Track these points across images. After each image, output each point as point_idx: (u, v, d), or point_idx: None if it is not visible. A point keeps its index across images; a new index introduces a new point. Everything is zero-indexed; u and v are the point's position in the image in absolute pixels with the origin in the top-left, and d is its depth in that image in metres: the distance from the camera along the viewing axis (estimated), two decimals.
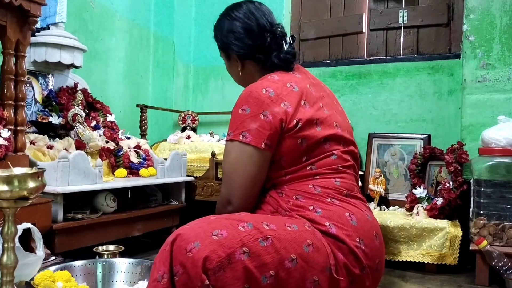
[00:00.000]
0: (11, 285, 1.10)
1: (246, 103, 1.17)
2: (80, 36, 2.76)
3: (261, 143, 1.14)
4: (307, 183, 1.17)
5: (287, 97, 1.18)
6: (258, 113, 1.15)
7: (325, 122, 1.22)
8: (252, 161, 1.15)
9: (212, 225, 0.97)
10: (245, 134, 1.15)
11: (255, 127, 1.14)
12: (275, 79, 1.23)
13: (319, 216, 1.11)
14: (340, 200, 1.16)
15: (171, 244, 0.95)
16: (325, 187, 1.16)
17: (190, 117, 3.67)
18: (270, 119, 1.14)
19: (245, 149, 1.14)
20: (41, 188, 1.10)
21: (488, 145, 2.32)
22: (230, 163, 1.18)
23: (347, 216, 1.12)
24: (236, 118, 1.18)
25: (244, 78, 1.40)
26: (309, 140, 1.18)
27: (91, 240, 2.16)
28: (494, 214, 2.26)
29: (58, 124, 2.51)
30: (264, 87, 1.19)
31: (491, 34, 2.65)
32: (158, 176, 2.69)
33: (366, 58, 3.37)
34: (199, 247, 0.91)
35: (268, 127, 1.14)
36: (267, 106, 1.15)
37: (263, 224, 1.01)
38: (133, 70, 3.45)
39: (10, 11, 1.88)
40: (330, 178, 1.18)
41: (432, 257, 2.31)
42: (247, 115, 1.16)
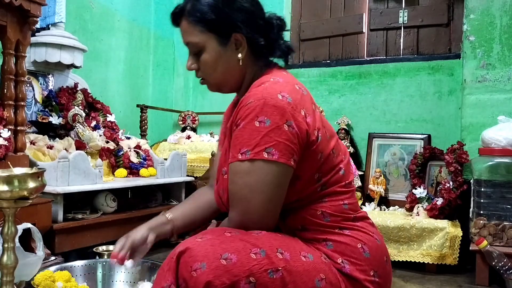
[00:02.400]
0: (11, 285, 1.10)
1: (263, 113, 0.96)
2: (80, 36, 2.76)
3: (290, 160, 0.97)
4: (315, 208, 1.05)
5: (303, 103, 1.02)
6: (281, 123, 0.96)
7: (328, 128, 1.10)
8: (278, 182, 0.98)
9: (224, 246, 0.90)
10: (269, 150, 0.95)
11: (282, 141, 0.96)
12: (280, 81, 1.04)
13: (330, 250, 1.03)
14: (350, 229, 1.06)
15: (178, 256, 0.91)
16: (334, 215, 1.05)
17: (190, 117, 3.67)
18: (296, 131, 0.97)
19: (271, 168, 0.96)
20: (41, 188, 1.10)
21: (488, 145, 2.32)
22: (250, 185, 0.97)
23: (359, 248, 1.04)
24: (252, 133, 0.96)
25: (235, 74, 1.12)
26: (324, 154, 1.04)
27: (91, 240, 2.16)
28: (494, 214, 2.26)
29: (58, 124, 2.51)
30: (278, 92, 0.99)
31: (491, 34, 2.65)
32: (158, 176, 2.69)
33: (366, 58, 3.37)
34: (204, 269, 0.86)
35: (296, 140, 0.97)
36: (289, 115, 0.97)
37: (277, 252, 0.94)
38: (133, 70, 3.45)
39: (10, 11, 1.88)
40: (339, 200, 1.07)
41: (432, 257, 2.31)
42: (267, 127, 0.95)
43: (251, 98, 0.99)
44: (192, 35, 1.09)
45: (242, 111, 0.99)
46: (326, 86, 3.37)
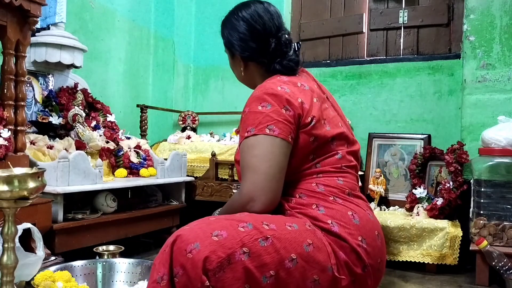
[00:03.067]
0: (11, 285, 1.10)
1: (264, 100, 1.14)
2: (80, 36, 2.76)
3: (288, 137, 1.12)
4: (310, 181, 1.17)
5: (300, 94, 1.18)
6: (280, 107, 1.13)
7: (332, 121, 1.23)
8: (280, 153, 1.11)
9: (212, 226, 0.96)
10: (271, 127, 1.11)
11: (281, 120, 1.12)
12: (284, 79, 1.22)
13: (321, 214, 1.11)
14: (343, 199, 1.15)
15: (171, 245, 0.94)
16: (328, 186, 1.16)
17: (190, 117, 3.67)
18: (293, 113, 1.13)
19: (273, 141, 1.10)
20: (41, 188, 1.10)
21: (488, 145, 2.32)
22: (256, 155, 1.11)
23: (349, 215, 1.12)
24: (256, 114, 1.14)
25: (246, 79, 1.39)
26: (320, 140, 1.17)
27: (91, 240, 2.16)
28: (494, 214, 2.26)
29: (58, 124, 2.51)
30: (278, 85, 1.18)
31: (491, 34, 2.65)
32: (158, 176, 2.69)
33: (366, 58, 3.37)
34: (199, 248, 0.91)
35: (292, 120, 1.13)
36: (286, 101, 1.14)
37: (263, 224, 1.01)
38: (133, 70, 3.45)
39: (10, 11, 1.88)
40: (333, 177, 1.18)
41: (432, 257, 2.31)
42: (269, 110, 1.13)
43: (256, 90, 1.20)
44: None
45: (249, 100, 1.19)
46: (326, 86, 3.30)
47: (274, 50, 1.28)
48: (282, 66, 1.28)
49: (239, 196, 1.14)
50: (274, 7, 1.37)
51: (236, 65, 1.38)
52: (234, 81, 4.31)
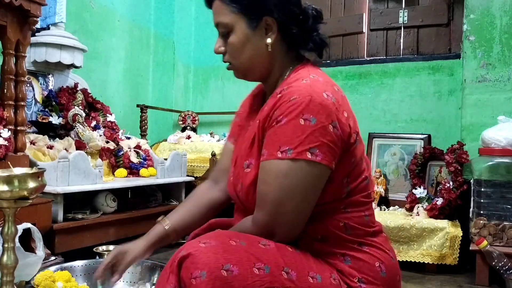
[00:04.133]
0: (11, 285, 1.10)
1: (308, 111, 0.91)
2: (80, 36, 2.76)
3: (332, 163, 0.93)
4: (338, 218, 1.00)
5: (344, 105, 0.99)
6: (326, 124, 0.91)
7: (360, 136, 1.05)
8: (315, 185, 0.93)
9: (227, 255, 0.86)
10: (313, 151, 0.90)
11: (326, 142, 0.91)
12: (320, 80, 0.99)
13: (348, 267, 0.98)
14: (369, 245, 1.02)
15: (180, 261, 0.87)
16: (355, 227, 1.01)
17: (190, 117, 3.67)
18: (340, 133, 0.94)
19: (312, 170, 0.91)
20: (41, 188, 1.10)
21: (488, 145, 2.32)
22: (286, 187, 0.91)
23: (377, 266, 1.01)
24: (296, 129, 0.91)
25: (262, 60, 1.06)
26: (357, 159, 1.00)
27: (91, 240, 2.16)
28: (494, 214, 2.26)
29: (58, 124, 2.51)
30: (323, 91, 0.94)
31: (491, 34, 2.65)
32: (158, 176, 2.69)
33: (366, 58, 3.37)
34: (203, 279, 0.83)
35: (339, 142, 0.94)
36: (335, 116, 0.93)
37: (283, 271, 0.88)
38: (133, 70, 3.45)
39: (10, 11, 1.88)
40: (361, 211, 1.03)
41: (432, 257, 2.31)
42: (313, 126, 0.90)
43: (294, 93, 0.93)
44: (222, 15, 1.07)
45: (284, 107, 0.93)
46: None
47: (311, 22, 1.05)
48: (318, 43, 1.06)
49: (254, 226, 0.97)
50: None
51: (256, 38, 1.04)
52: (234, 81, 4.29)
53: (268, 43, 1.03)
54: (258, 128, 1.01)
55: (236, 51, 1.06)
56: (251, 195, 1.01)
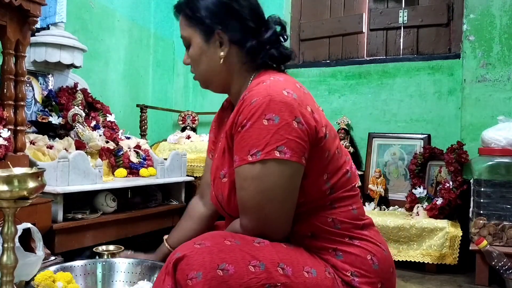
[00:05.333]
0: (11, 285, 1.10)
1: (270, 110, 0.92)
2: (80, 36, 2.75)
3: (302, 158, 0.93)
4: (325, 215, 1.01)
5: (307, 100, 0.99)
6: (290, 120, 0.92)
7: (332, 129, 1.06)
8: (291, 183, 0.94)
9: (222, 255, 0.87)
10: (281, 148, 0.91)
11: (293, 138, 0.91)
12: (281, 79, 1.00)
13: (340, 261, 0.99)
14: (360, 239, 1.03)
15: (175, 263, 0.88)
16: (344, 222, 1.02)
17: (190, 117, 3.67)
18: (306, 127, 0.94)
19: (284, 169, 0.92)
20: (41, 188, 1.10)
21: (488, 145, 2.32)
22: (261, 191, 0.93)
23: (369, 259, 1.01)
24: (261, 132, 0.91)
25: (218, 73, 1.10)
26: (331, 153, 1.01)
27: (91, 240, 2.16)
28: (494, 214, 2.26)
29: (58, 124, 2.51)
30: (282, 89, 0.95)
31: (491, 34, 2.65)
32: (158, 176, 2.69)
33: (366, 58, 3.37)
34: (199, 279, 0.84)
35: (306, 137, 0.94)
36: (297, 111, 0.93)
37: (278, 267, 0.89)
38: (133, 70, 3.45)
39: (10, 11, 1.88)
40: (348, 206, 1.04)
41: (432, 257, 2.31)
42: (276, 125, 0.91)
43: (254, 96, 0.95)
44: (182, 29, 1.13)
45: (246, 110, 0.94)
46: (326, 86, 3.37)
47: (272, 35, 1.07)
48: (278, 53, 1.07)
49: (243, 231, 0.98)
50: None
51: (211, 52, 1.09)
52: None
53: (221, 56, 1.08)
54: (226, 137, 1.04)
55: (194, 63, 1.14)
56: (233, 202, 1.03)
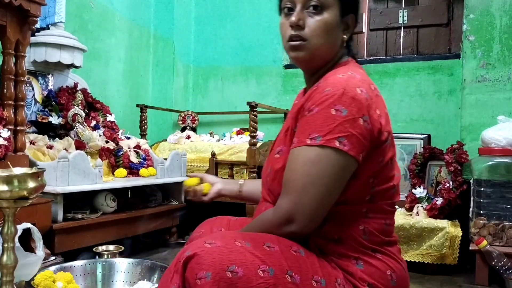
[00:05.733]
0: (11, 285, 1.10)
1: (341, 102, 0.92)
2: (80, 36, 2.76)
3: (359, 155, 0.93)
4: (357, 221, 1.00)
5: (377, 103, 0.99)
6: (357, 116, 0.92)
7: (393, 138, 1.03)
8: (341, 176, 0.93)
9: (232, 256, 0.87)
10: (342, 140, 0.91)
11: (355, 133, 0.91)
12: (357, 77, 1.00)
13: (360, 270, 0.98)
14: (382, 253, 1.02)
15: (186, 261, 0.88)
16: (373, 233, 1.00)
17: (190, 117, 3.67)
18: (371, 127, 0.94)
19: (339, 159, 0.91)
20: (41, 188, 1.10)
21: (488, 145, 2.32)
22: (312, 174, 0.92)
23: (388, 274, 1.00)
24: (327, 119, 0.92)
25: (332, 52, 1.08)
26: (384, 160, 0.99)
27: (91, 240, 2.16)
28: (494, 214, 2.26)
29: (58, 124, 2.51)
30: (357, 86, 0.96)
31: (491, 34, 2.65)
32: (158, 176, 2.69)
33: (366, 58, 3.37)
34: (208, 280, 0.84)
35: (368, 136, 0.93)
36: (366, 110, 0.93)
37: (287, 274, 0.89)
38: (133, 70, 3.45)
39: (10, 11, 1.88)
40: (381, 219, 1.02)
41: (432, 257, 2.31)
42: (343, 117, 0.91)
43: (328, 86, 0.95)
44: None
45: (317, 97, 0.95)
46: None
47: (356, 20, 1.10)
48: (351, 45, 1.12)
49: (275, 213, 0.97)
50: None
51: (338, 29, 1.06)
52: (233, 80, 4.31)
53: (344, 39, 1.08)
54: (292, 119, 1.03)
55: (319, 31, 1.02)
56: (277, 180, 1.02)
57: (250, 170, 2.85)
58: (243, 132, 3.39)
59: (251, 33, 3.75)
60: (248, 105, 2.86)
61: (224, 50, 3.86)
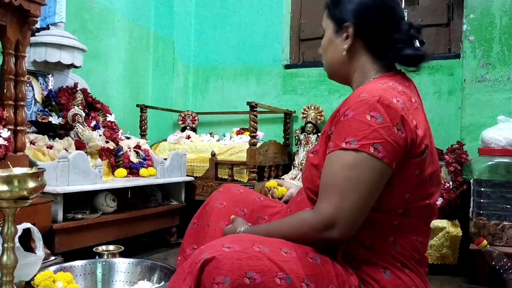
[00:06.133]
0: (11, 285, 1.10)
1: (376, 109, 0.93)
2: (80, 36, 2.76)
3: (393, 162, 0.93)
4: (388, 233, 1.00)
5: (415, 114, 0.99)
6: (392, 124, 0.93)
7: (433, 152, 1.03)
8: (377, 183, 0.93)
9: (251, 262, 0.86)
10: (377, 146, 0.92)
11: (390, 141, 0.92)
12: (398, 88, 1.01)
13: (386, 279, 0.98)
14: (411, 269, 1.02)
15: (203, 263, 0.87)
16: (404, 247, 1.01)
17: (190, 117, 3.67)
18: (405, 136, 0.94)
19: (375, 165, 0.92)
20: (41, 188, 1.10)
21: (488, 145, 2.32)
22: (352, 178, 0.92)
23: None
24: (362, 124, 0.93)
25: (341, 65, 1.12)
26: (422, 175, 0.99)
27: (91, 240, 2.16)
28: (494, 214, 2.26)
29: (58, 124, 2.51)
30: (394, 96, 0.96)
31: (491, 34, 2.65)
32: (158, 176, 2.69)
33: None
34: (226, 285, 0.84)
35: (403, 144, 0.94)
36: (401, 119, 0.94)
37: (303, 282, 0.89)
38: (133, 70, 3.45)
39: (10, 11, 1.88)
40: (413, 235, 1.03)
41: (432, 257, 2.31)
42: (379, 123, 0.92)
43: (364, 92, 0.97)
44: (323, 19, 1.17)
45: (352, 102, 0.96)
46: (326, 86, 3.37)
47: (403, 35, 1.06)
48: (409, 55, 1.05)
49: (316, 216, 0.95)
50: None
51: (337, 42, 1.10)
52: (234, 81, 4.30)
53: (344, 48, 1.09)
54: (329, 124, 1.06)
55: (323, 52, 1.16)
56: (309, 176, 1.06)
57: (250, 170, 2.85)
58: (243, 132, 3.39)
59: (251, 33, 3.75)
60: (248, 105, 2.86)
61: (224, 50, 3.86)
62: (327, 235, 0.93)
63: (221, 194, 1.28)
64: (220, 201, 1.24)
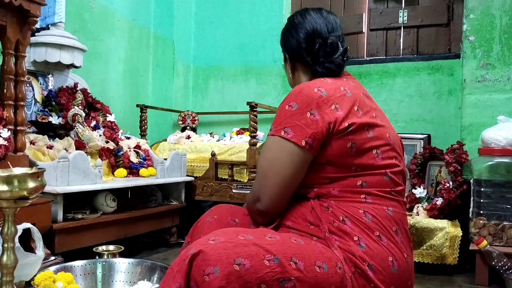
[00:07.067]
0: (11, 285, 1.10)
1: (295, 99, 1.11)
2: (80, 36, 2.76)
3: (301, 140, 1.07)
4: (358, 206, 1.08)
5: (339, 100, 1.12)
6: (305, 110, 1.08)
7: (378, 131, 1.14)
8: (290, 159, 1.08)
9: (237, 250, 0.91)
10: (287, 130, 1.08)
11: (299, 124, 1.08)
12: (328, 81, 1.16)
13: (361, 251, 1.03)
14: (388, 239, 1.07)
15: (191, 258, 0.90)
16: (376, 217, 1.07)
17: (190, 117, 3.67)
18: (317, 119, 1.08)
19: (285, 145, 1.08)
20: (41, 188, 1.10)
21: (488, 145, 2.32)
22: (268, 159, 1.12)
23: (390, 261, 1.04)
24: (281, 113, 1.12)
25: (294, 82, 1.35)
26: (360, 146, 1.09)
27: (91, 240, 2.16)
28: (494, 214, 2.26)
29: (58, 124, 2.51)
30: (317, 86, 1.13)
31: (491, 34, 2.65)
32: (158, 176, 2.69)
33: (366, 58, 3.37)
34: (217, 274, 0.87)
35: (313, 126, 1.07)
36: (316, 106, 1.09)
37: (291, 261, 0.94)
38: (133, 70, 3.45)
39: (10, 11, 1.88)
40: (382, 205, 1.10)
41: (432, 257, 2.31)
42: (293, 111, 1.09)
43: (295, 87, 1.16)
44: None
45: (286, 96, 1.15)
46: None
47: (318, 51, 1.24)
48: (324, 68, 1.24)
49: (250, 193, 1.20)
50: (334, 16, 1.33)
51: (286, 68, 1.38)
52: (234, 81, 4.31)
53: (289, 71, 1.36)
54: None
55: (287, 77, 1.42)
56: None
57: (250, 170, 2.85)
58: (243, 132, 3.39)
59: (251, 33, 3.75)
60: (248, 105, 2.86)
61: (224, 50, 3.86)
62: (256, 207, 1.14)
63: (211, 211, 1.31)
64: (211, 216, 1.27)
